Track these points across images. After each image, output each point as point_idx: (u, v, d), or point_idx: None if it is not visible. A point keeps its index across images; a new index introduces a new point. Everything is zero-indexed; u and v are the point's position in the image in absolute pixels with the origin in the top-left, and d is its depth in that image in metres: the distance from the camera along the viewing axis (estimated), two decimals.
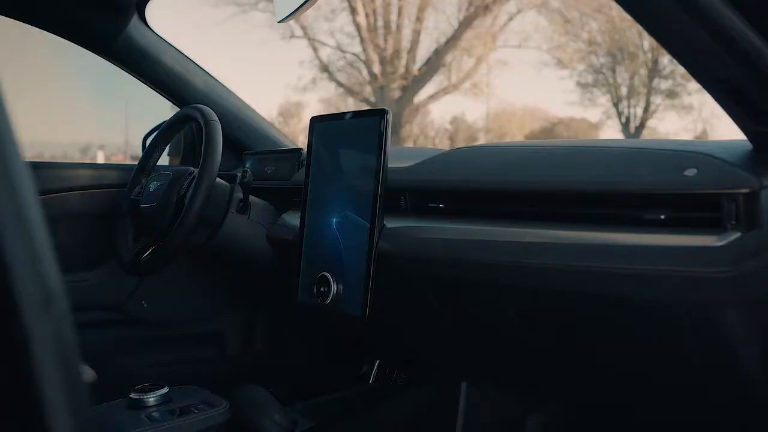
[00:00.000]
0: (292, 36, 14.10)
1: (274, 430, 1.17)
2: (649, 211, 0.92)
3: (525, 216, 1.05)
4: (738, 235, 0.81)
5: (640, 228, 0.91)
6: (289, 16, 1.32)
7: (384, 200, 1.16)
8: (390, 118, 1.19)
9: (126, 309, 1.75)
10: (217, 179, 1.47)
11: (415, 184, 1.23)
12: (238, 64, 16.93)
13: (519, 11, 14.28)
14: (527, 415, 1.32)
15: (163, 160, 1.92)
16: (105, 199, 1.70)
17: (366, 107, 14.40)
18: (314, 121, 1.33)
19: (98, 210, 1.69)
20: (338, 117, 1.29)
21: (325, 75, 14.28)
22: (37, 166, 1.66)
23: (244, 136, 1.85)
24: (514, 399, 1.33)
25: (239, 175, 1.45)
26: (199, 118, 1.43)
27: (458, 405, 1.33)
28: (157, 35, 1.70)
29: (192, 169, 1.46)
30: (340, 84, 14.36)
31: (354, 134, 1.24)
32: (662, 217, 0.91)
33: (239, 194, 1.48)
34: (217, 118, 1.42)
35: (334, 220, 1.24)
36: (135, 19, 1.63)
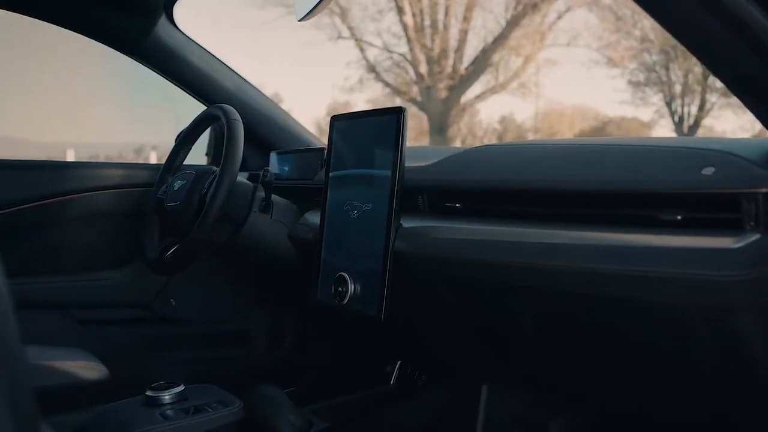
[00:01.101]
0: (339, 37, 14.13)
1: (288, 430, 1.16)
2: (665, 211, 0.88)
3: (540, 216, 1.02)
4: (757, 236, 0.78)
5: (655, 229, 0.87)
6: (308, 14, 1.31)
7: (401, 199, 1.15)
8: (406, 116, 1.17)
9: (154, 307, 1.77)
10: (240, 178, 1.48)
11: (433, 184, 1.21)
12: (285, 65, 17.09)
13: (568, 9, 14.05)
14: (550, 420, 1.29)
15: (203, 159, 1.94)
16: (134, 198, 1.71)
17: (413, 108, 14.41)
18: (334, 119, 1.32)
19: (127, 209, 1.71)
20: (357, 115, 1.28)
21: (372, 75, 14.30)
22: (66, 166, 1.68)
23: (271, 135, 1.85)
24: (535, 403, 1.30)
25: (260, 174, 1.45)
26: (221, 117, 1.44)
27: (478, 408, 1.30)
28: (185, 35, 1.71)
29: (215, 168, 1.46)
30: (386, 84, 14.35)
31: (371, 132, 1.22)
32: (678, 217, 0.87)
33: (262, 193, 1.48)
34: (239, 118, 1.42)
35: (352, 219, 1.23)
36: (163, 20, 1.65)
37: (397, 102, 14.83)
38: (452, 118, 14.20)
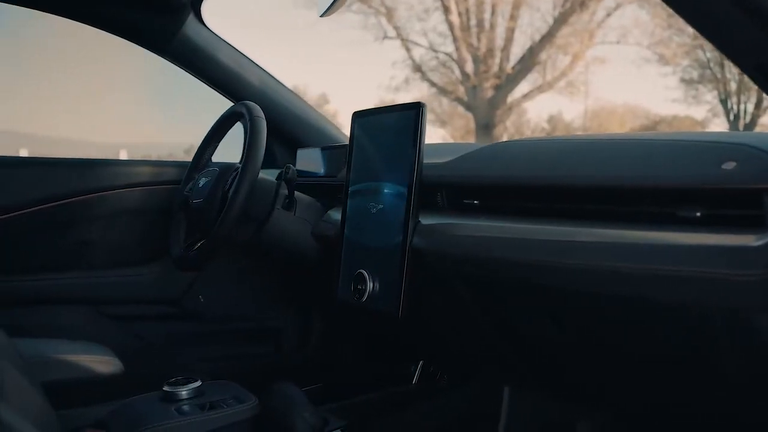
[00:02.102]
0: (385, 37, 14.13)
1: (302, 427, 1.15)
2: (684, 208, 0.84)
3: (557, 213, 0.99)
4: None
5: (673, 226, 0.84)
6: (329, 9, 1.30)
7: (420, 196, 1.13)
8: (425, 111, 1.16)
9: (182, 303, 1.78)
10: (264, 175, 1.48)
11: (451, 180, 1.19)
12: (331, 65, 17.18)
13: (618, 6, 13.78)
14: (573, 423, 1.26)
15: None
16: (163, 195, 1.73)
17: (459, 107, 14.33)
18: (355, 116, 1.31)
19: (156, 206, 1.73)
20: (377, 111, 1.27)
21: (418, 75, 14.26)
22: (97, 164, 1.71)
23: (299, 132, 1.85)
24: (558, 405, 1.27)
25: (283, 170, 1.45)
26: (245, 114, 1.44)
27: (500, 409, 1.27)
28: (213, 33, 1.72)
29: (239, 165, 1.47)
30: (432, 84, 14.29)
31: (391, 128, 1.21)
32: (697, 214, 0.83)
33: (285, 191, 1.48)
34: (262, 114, 1.42)
35: (372, 215, 1.22)
36: (191, 18, 1.66)
37: (444, 102, 14.77)
38: (499, 118, 14.08)
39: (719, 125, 14.96)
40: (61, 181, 1.66)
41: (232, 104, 1.76)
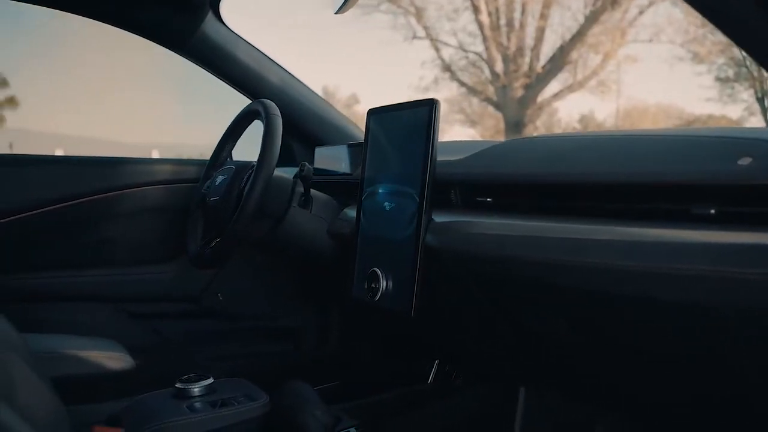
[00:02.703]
0: (415, 37, 14.09)
1: (314, 425, 1.15)
2: (698, 205, 0.82)
3: (569, 211, 0.98)
4: None
5: (687, 224, 0.81)
6: (342, 6, 1.30)
7: (434, 193, 1.12)
8: (439, 108, 1.14)
9: (202, 301, 1.79)
10: (280, 173, 1.47)
11: (465, 178, 1.18)
12: (361, 65, 17.20)
13: (651, 3, 13.54)
14: (591, 424, 1.23)
15: None
16: (183, 193, 1.74)
17: (489, 107, 14.24)
18: (371, 113, 1.30)
19: (176, 204, 1.74)
20: (391, 108, 1.25)
21: (447, 75, 14.20)
22: (118, 162, 1.72)
23: (318, 130, 1.85)
24: (575, 407, 1.25)
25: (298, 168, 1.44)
26: (261, 112, 1.43)
27: (515, 410, 1.25)
28: (232, 31, 1.72)
29: (255, 163, 1.47)
30: (462, 84, 14.21)
31: (405, 125, 1.20)
32: (712, 211, 0.81)
33: (301, 188, 1.47)
34: (278, 112, 1.42)
35: (386, 213, 1.21)
36: (210, 16, 1.66)
37: (473, 102, 14.69)
38: (529, 117, 13.96)
39: (756, 124, 14.69)
40: (83, 179, 1.67)
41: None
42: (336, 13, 1.33)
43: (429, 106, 1.14)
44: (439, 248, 1.10)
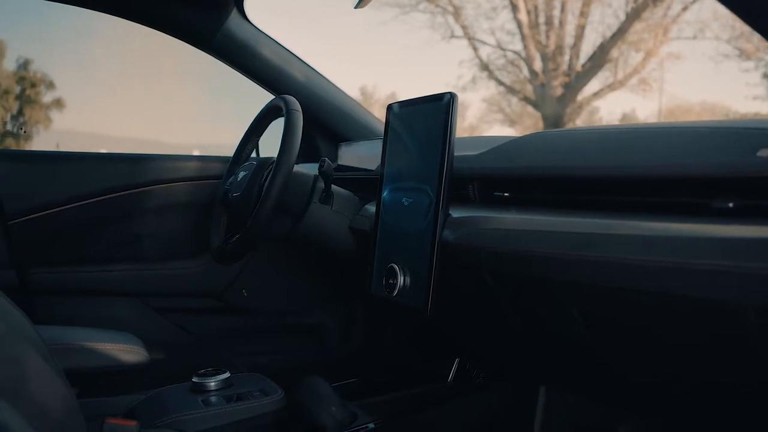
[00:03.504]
0: (452, 36, 14.05)
1: (329, 422, 1.14)
2: (716, 198, 0.79)
3: (585, 205, 0.95)
4: None
5: (705, 218, 0.78)
6: (361, 0, 1.29)
7: (452, 189, 1.10)
8: (456, 101, 1.12)
9: (226, 297, 1.80)
10: (302, 170, 1.47)
11: (482, 172, 1.16)
12: (400, 64, 17.20)
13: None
14: (614, 427, 1.20)
15: None
16: (208, 189, 1.75)
17: (528, 107, 14.11)
18: (390, 108, 1.29)
19: (202, 200, 1.75)
20: (410, 103, 1.24)
21: (485, 74, 14.12)
22: (145, 159, 1.74)
23: (342, 127, 1.84)
24: (597, 408, 1.22)
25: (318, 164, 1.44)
26: (282, 107, 1.43)
27: (535, 410, 1.23)
28: (257, 28, 1.73)
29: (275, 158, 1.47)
30: (500, 83, 14.11)
31: (423, 119, 1.18)
32: (730, 205, 0.78)
33: (322, 184, 1.47)
34: (299, 108, 1.42)
35: (404, 208, 1.19)
36: (234, 14, 1.67)
37: (513, 101, 14.58)
38: (568, 116, 13.79)
39: None
40: (111, 176, 1.69)
41: None
42: (356, 7, 1.33)
43: (446, 100, 1.12)
44: (455, 244, 1.08)
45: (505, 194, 1.11)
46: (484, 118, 14.87)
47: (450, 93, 1.12)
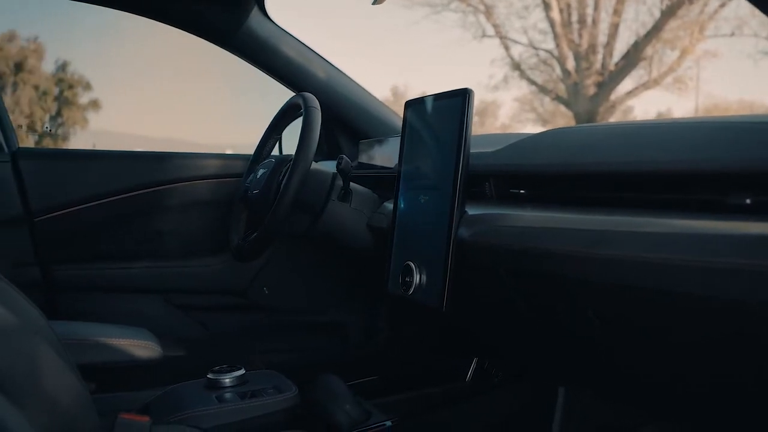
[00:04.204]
0: (484, 35, 13.98)
1: (343, 419, 1.13)
2: (733, 194, 0.77)
3: (601, 202, 0.94)
4: None
5: (723, 214, 0.76)
6: None
7: (469, 186, 1.09)
8: (473, 98, 1.11)
9: (248, 294, 1.80)
10: (321, 167, 1.47)
11: (499, 169, 1.14)
12: (430, 64, 17.15)
13: None
14: (634, 429, 1.18)
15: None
16: (230, 187, 1.76)
17: (560, 106, 13.97)
18: (408, 104, 1.28)
19: (224, 198, 1.76)
20: (427, 100, 1.23)
21: (517, 73, 14.00)
22: (169, 157, 1.75)
23: (364, 124, 1.84)
24: (616, 409, 1.19)
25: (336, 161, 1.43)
26: (301, 105, 1.43)
27: (554, 410, 1.21)
28: (277, 26, 1.73)
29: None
30: (531, 82, 13.98)
31: (439, 116, 1.17)
32: (747, 201, 0.75)
33: (341, 182, 1.46)
34: (317, 105, 1.41)
35: (421, 206, 1.18)
36: (255, 11, 1.67)
37: (545, 101, 14.44)
38: (601, 116, 13.61)
39: None
40: (134, 173, 1.71)
41: None
42: (373, 4, 1.32)
43: (462, 97, 1.11)
44: (471, 241, 1.07)
45: (521, 191, 1.09)
46: (517, 118, 14.74)
47: (466, 89, 1.10)
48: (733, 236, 0.72)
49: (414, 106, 1.25)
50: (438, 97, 1.18)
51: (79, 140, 11.38)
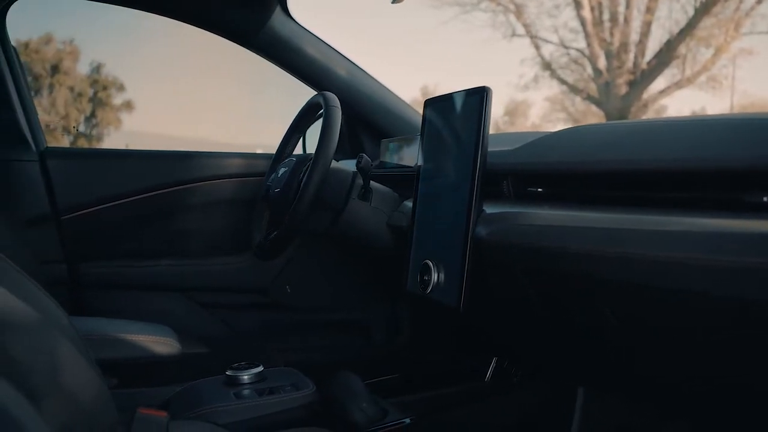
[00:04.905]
0: (514, 34, 13.93)
1: (359, 417, 1.13)
2: (750, 192, 0.75)
3: (618, 200, 0.92)
4: None
5: (739, 213, 0.75)
6: None
7: (486, 184, 1.08)
8: (490, 96, 1.10)
9: (270, 293, 1.81)
10: (342, 166, 1.47)
11: (517, 168, 1.13)
12: (460, 64, 17.09)
13: None
14: (654, 429, 1.16)
15: None
16: (254, 186, 1.77)
17: (592, 106, 13.84)
18: (427, 103, 1.28)
19: (247, 197, 1.78)
20: (446, 98, 1.22)
21: (547, 73, 13.90)
22: (191, 155, 1.77)
23: (386, 123, 1.84)
24: (636, 409, 1.18)
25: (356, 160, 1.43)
26: (321, 104, 1.44)
27: (573, 411, 1.20)
28: (299, 25, 1.74)
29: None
30: (562, 81, 13.87)
31: (457, 115, 1.17)
32: (765, 199, 0.74)
33: (361, 181, 1.47)
34: (338, 104, 1.42)
35: (439, 204, 1.18)
36: (278, 11, 1.68)
37: (576, 101, 14.31)
38: (633, 115, 13.44)
39: None
40: (158, 172, 1.73)
41: None
42: (393, 2, 1.32)
43: (480, 95, 1.10)
44: (488, 240, 1.07)
45: (539, 190, 1.08)
46: (547, 117, 14.63)
47: (484, 87, 1.10)
48: (751, 235, 0.71)
49: (433, 104, 1.25)
50: (456, 95, 1.18)
51: (112, 141, 11.54)
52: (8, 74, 1.61)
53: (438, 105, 1.24)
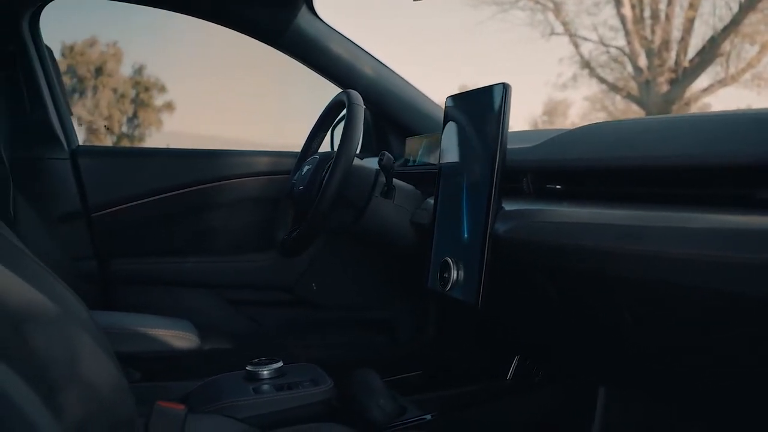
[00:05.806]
0: (552, 33, 13.73)
1: (377, 414, 1.14)
2: (762, 188, 0.74)
3: (636, 196, 0.91)
4: None
5: (754, 209, 0.73)
6: None
7: (506, 181, 1.07)
8: (510, 92, 1.09)
9: (296, 291, 1.82)
10: (365, 164, 1.47)
11: (536, 165, 1.12)
12: (498, 63, 16.98)
13: None
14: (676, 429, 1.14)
15: None
16: (280, 184, 1.78)
17: (632, 105, 13.61)
18: (448, 100, 1.27)
19: (273, 195, 1.79)
20: (467, 95, 1.22)
21: (586, 71, 13.70)
22: (220, 154, 1.79)
23: (413, 121, 1.84)
24: (659, 410, 1.16)
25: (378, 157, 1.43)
26: (345, 102, 1.44)
27: (594, 411, 1.18)
28: (326, 24, 1.74)
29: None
30: (602, 80, 13.65)
31: (478, 112, 1.16)
32: None
33: (384, 178, 1.47)
34: (361, 102, 1.42)
35: (460, 202, 1.18)
36: (304, 10, 1.69)
37: (617, 100, 14.09)
38: (674, 114, 13.18)
39: None
40: (186, 171, 1.76)
41: None
42: (415, 0, 1.31)
43: (500, 91, 1.09)
44: (506, 237, 1.06)
45: (558, 187, 1.07)
46: (587, 117, 14.41)
47: (503, 84, 1.09)
48: (759, 231, 0.69)
49: (454, 101, 1.25)
50: (476, 92, 1.17)
51: (153, 141, 11.74)
52: (41, 74, 1.65)
53: (459, 101, 1.23)
